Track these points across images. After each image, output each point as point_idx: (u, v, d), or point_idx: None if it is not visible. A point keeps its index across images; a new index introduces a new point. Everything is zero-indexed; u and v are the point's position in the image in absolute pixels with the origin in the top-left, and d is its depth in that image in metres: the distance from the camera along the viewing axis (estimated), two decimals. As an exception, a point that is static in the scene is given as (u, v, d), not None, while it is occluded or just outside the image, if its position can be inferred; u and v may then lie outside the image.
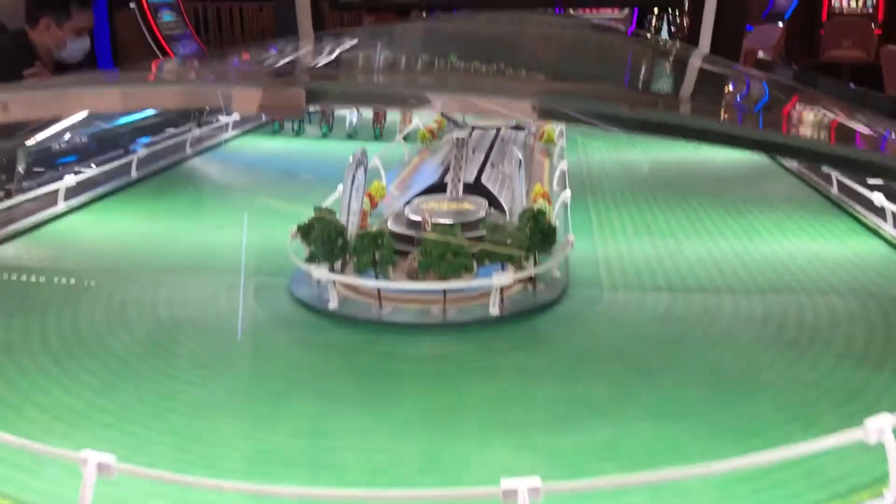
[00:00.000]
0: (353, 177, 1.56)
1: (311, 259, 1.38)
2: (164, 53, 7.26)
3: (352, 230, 1.58)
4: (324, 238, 1.35)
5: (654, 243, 1.78)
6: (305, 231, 1.40)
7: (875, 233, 1.78)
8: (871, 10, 11.43)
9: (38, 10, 3.49)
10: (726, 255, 1.69)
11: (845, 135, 0.93)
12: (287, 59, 1.62)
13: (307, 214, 1.43)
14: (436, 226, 1.41)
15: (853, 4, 11.54)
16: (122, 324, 1.34)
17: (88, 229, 1.90)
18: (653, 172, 2.41)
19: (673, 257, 1.68)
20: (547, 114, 0.85)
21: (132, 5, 7.10)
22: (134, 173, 2.32)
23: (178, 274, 1.59)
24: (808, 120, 1.21)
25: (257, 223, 1.87)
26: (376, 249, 1.32)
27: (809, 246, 1.74)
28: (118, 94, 0.93)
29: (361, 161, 1.60)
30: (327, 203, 1.66)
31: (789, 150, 0.83)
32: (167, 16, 7.48)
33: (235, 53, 2.42)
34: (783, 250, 1.71)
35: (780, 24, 11.25)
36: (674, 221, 1.94)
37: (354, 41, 2.17)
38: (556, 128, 2.61)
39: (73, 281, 1.53)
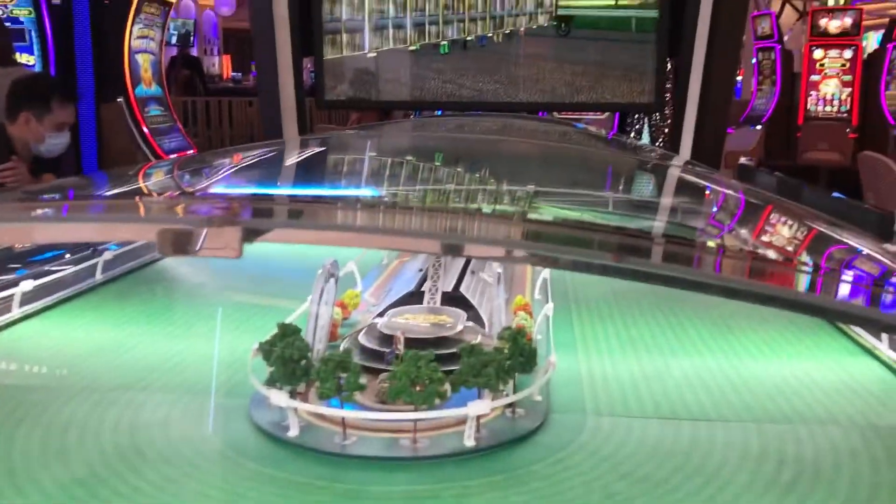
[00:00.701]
0: (322, 290, 1.47)
1: (272, 382, 1.27)
2: (150, 147, 7.29)
3: (319, 347, 1.48)
4: (285, 359, 1.25)
5: (641, 361, 1.69)
6: (267, 350, 1.30)
7: (870, 353, 1.70)
8: (845, 115, 11.74)
9: (18, 105, 3.46)
10: (716, 376, 1.60)
11: (842, 284, 0.86)
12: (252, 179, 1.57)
13: (274, 325, 1.34)
14: (408, 349, 1.31)
15: (828, 108, 11.85)
16: (60, 454, 1.22)
17: (41, 338, 1.79)
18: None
19: (661, 377, 1.59)
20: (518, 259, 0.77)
21: (120, 99, 7.15)
22: (99, 275, 2.23)
23: (132, 392, 1.48)
24: (799, 256, 1.14)
25: (225, 331, 1.78)
26: (342, 373, 1.22)
27: (803, 367, 1.65)
28: (32, 229, 0.85)
29: (332, 273, 1.52)
30: (294, 317, 1.57)
31: (772, 301, 0.76)
32: (154, 110, 7.53)
33: (220, 157, 2.37)
34: (776, 371, 1.63)
35: (759, 127, 11.52)
36: (660, 336, 1.86)
37: (329, 150, 2.13)
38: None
39: (13, 400, 1.41)
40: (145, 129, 7.15)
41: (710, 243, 1.14)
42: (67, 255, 2.30)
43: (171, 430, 1.31)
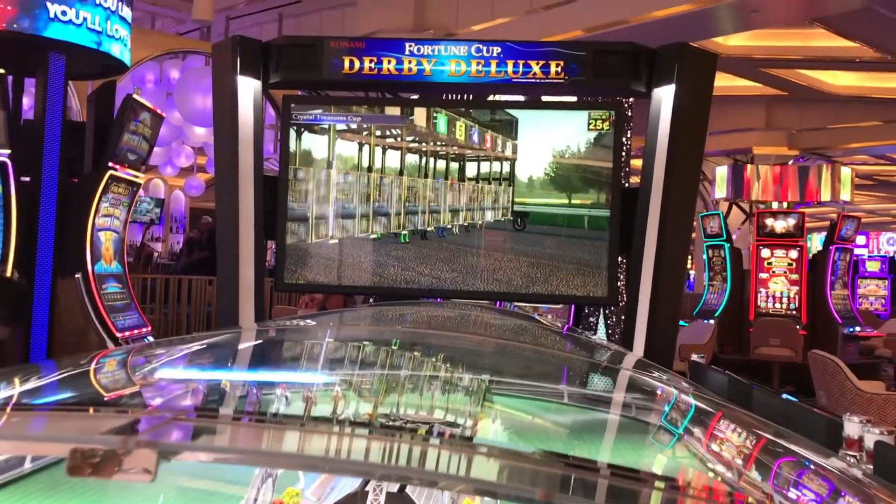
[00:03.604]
0: (258, 490, 1.41)
1: None
2: (104, 324, 7.19)
3: (251, 555, 1.40)
4: (211, 572, 1.17)
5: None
6: (193, 559, 1.22)
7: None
8: (794, 312, 12.11)
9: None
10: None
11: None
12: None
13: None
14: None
15: (778, 305, 12.23)
16: None
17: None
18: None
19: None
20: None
21: (77, 276, 7.12)
22: (28, 464, 2.11)
23: None
24: (748, 473, 1.13)
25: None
26: (271, 588, 1.14)
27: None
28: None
29: (269, 473, 1.46)
30: (227, 519, 1.48)
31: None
32: (112, 287, 7.50)
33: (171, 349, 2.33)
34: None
35: (712, 321, 11.79)
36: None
37: (278, 344, 2.12)
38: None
39: None
40: (101, 307, 7.07)
41: (657, 469, 1.12)
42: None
43: None
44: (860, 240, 21.02)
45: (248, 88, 5.26)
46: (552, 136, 5.20)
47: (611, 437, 1.41)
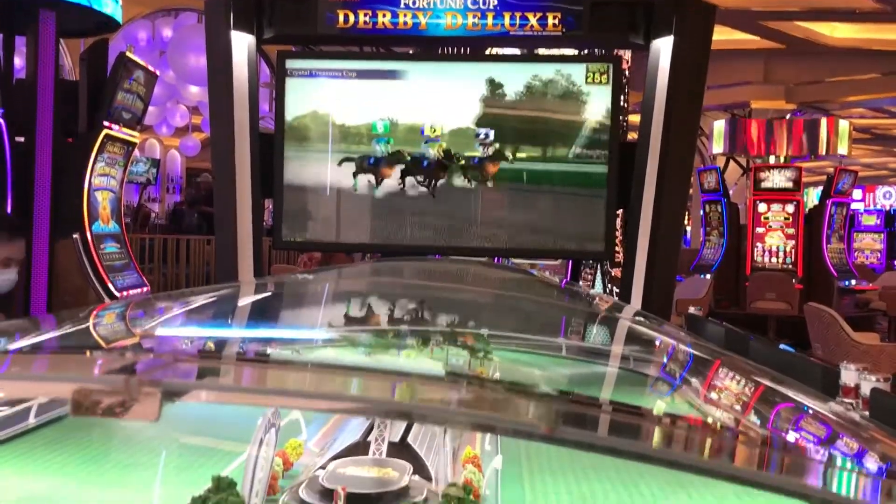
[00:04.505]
0: (261, 441, 1.42)
1: (203, 541, 1.21)
2: (103, 284, 7.20)
3: (256, 502, 1.42)
4: (218, 518, 1.19)
5: (591, 520, 1.64)
6: (200, 506, 1.24)
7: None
8: (790, 266, 12.14)
9: (-38, 243, 3.41)
10: (668, 537, 1.55)
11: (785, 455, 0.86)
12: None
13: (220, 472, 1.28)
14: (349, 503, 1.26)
15: (774, 260, 12.26)
16: None
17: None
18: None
19: (611, 538, 1.54)
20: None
21: (75, 236, 7.11)
22: (32, 419, 2.12)
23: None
24: (744, 423, 1.14)
25: (165, 479, 1.69)
26: (277, 533, 1.16)
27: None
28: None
29: (272, 423, 1.48)
30: (231, 468, 1.50)
31: (718, 474, 0.75)
32: (110, 247, 7.50)
33: (169, 302, 2.34)
34: (728, 531, 1.59)
35: (708, 276, 11.84)
36: (612, 492, 1.81)
37: (280, 296, 2.13)
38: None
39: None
40: (99, 266, 7.08)
41: (658, 410, 1.13)
42: (2, 394, 2.20)
43: None
44: (857, 194, 21.03)
45: (241, 44, 5.20)
46: (549, 89, 5.16)
47: (612, 382, 1.43)
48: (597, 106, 5.13)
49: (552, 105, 5.17)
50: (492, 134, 5.15)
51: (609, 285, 8.06)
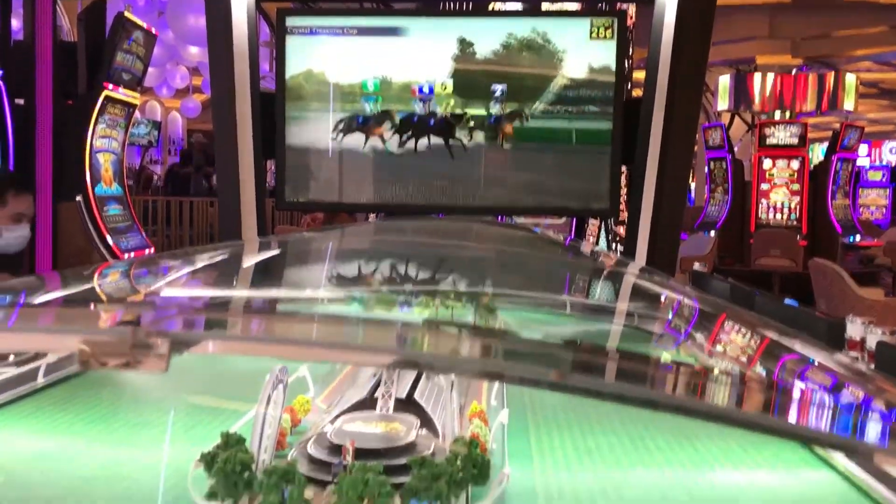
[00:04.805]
0: (269, 398, 1.43)
1: (212, 495, 1.21)
2: (108, 247, 7.21)
3: (264, 457, 1.43)
4: (226, 471, 1.19)
5: (598, 472, 1.65)
6: (208, 460, 1.25)
7: (828, 464, 1.69)
8: (795, 223, 12.11)
9: (-30, 199, 3.40)
10: (675, 489, 1.56)
11: (793, 403, 0.86)
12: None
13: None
14: (358, 460, 1.26)
15: (779, 216, 12.23)
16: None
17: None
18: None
19: (618, 490, 1.55)
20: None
21: (78, 199, 7.10)
22: (41, 379, 2.14)
23: (66, 505, 1.40)
24: (752, 371, 1.14)
25: (172, 438, 1.71)
26: (287, 486, 1.17)
27: (761, 477, 1.63)
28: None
29: (280, 379, 1.48)
30: (239, 425, 1.51)
31: (726, 419, 0.75)
32: (113, 209, 7.49)
33: (175, 259, 2.34)
34: (734, 482, 1.60)
35: (712, 234, 11.82)
36: (618, 447, 1.82)
37: (285, 252, 2.12)
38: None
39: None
40: (103, 229, 7.08)
41: (665, 359, 1.13)
42: (12, 357, 2.21)
43: (103, 550, 1.24)
44: (862, 149, 20.87)
45: (240, 2, 5.13)
46: (553, 45, 5.09)
47: (618, 335, 1.43)
48: (601, 62, 5.07)
49: (556, 61, 5.11)
50: (506, 91, 5.09)
51: (613, 243, 8.04)
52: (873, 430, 0.76)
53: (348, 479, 1.16)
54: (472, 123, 5.12)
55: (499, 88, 5.10)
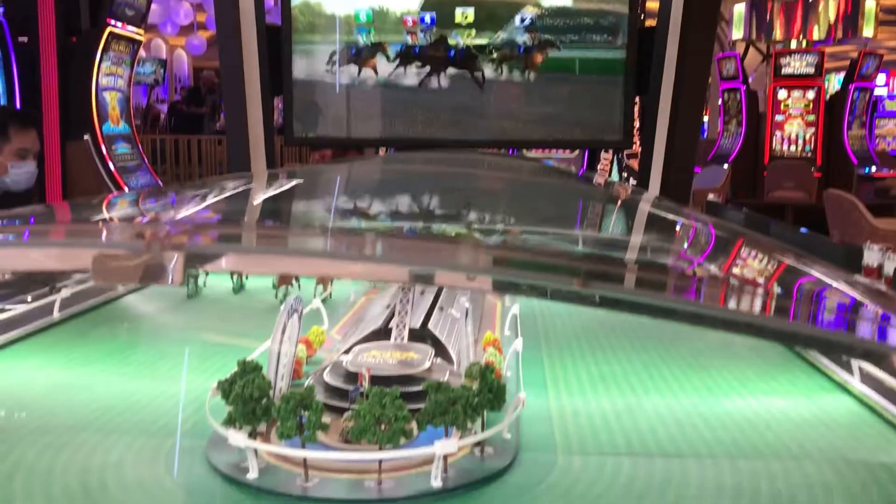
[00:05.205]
0: (284, 326, 1.43)
1: (230, 421, 1.22)
2: (117, 185, 7.20)
3: (281, 385, 1.44)
4: (244, 398, 1.20)
5: (612, 398, 1.66)
6: (225, 388, 1.25)
7: (842, 387, 1.69)
8: (809, 154, 11.95)
9: (-28, 136, 3.36)
10: (688, 412, 1.57)
11: (825, 311, 0.85)
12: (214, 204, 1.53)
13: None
14: (374, 386, 1.26)
15: (793, 148, 12.06)
16: (6, 501, 1.15)
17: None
18: (609, 316, 2.31)
19: (632, 414, 1.56)
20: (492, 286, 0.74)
21: (86, 137, 7.06)
22: (56, 313, 2.16)
23: (85, 434, 1.42)
24: (772, 285, 1.13)
25: (194, 369, 1.72)
26: (304, 412, 1.18)
27: (775, 402, 1.63)
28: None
29: (295, 309, 1.48)
30: (255, 354, 1.52)
31: (748, 328, 0.73)
32: (122, 148, 7.46)
33: (186, 189, 2.33)
34: (748, 407, 1.60)
35: (725, 166, 11.69)
36: (631, 373, 1.83)
37: (296, 180, 2.10)
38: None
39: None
40: (112, 167, 7.07)
41: (686, 272, 1.11)
42: (29, 298, 2.22)
43: (125, 472, 1.26)
44: (880, 78, 20.42)
45: (243, -68, 4.99)
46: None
47: (638, 252, 1.41)
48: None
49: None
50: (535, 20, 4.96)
51: (626, 175, 7.97)
52: (894, 336, 0.74)
53: (365, 403, 1.17)
54: (494, 55, 5.00)
55: (528, 16, 4.97)
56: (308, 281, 2.32)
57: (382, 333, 1.81)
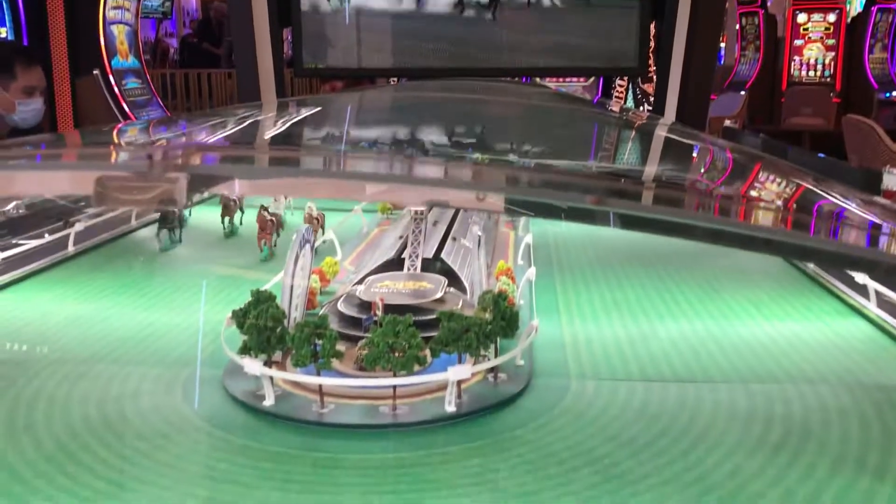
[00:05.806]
0: (297, 256, 1.43)
1: (245, 350, 1.23)
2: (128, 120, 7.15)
3: (295, 315, 1.44)
4: (258, 327, 1.20)
5: (625, 324, 1.66)
6: (240, 317, 1.26)
7: (859, 312, 1.68)
8: (828, 80, 11.70)
9: (-22, 75, 3.32)
10: (703, 339, 1.57)
11: (845, 228, 0.83)
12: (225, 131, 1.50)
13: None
14: (387, 315, 1.26)
15: (812, 73, 11.81)
16: (27, 429, 1.17)
17: (9, 311, 1.74)
18: (623, 244, 2.30)
19: (646, 340, 1.56)
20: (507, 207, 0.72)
21: (96, 72, 6.99)
22: (71, 248, 2.17)
23: (102, 364, 1.43)
24: (792, 203, 1.11)
25: (208, 301, 1.74)
26: (318, 340, 1.18)
27: (791, 327, 1.63)
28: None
29: (307, 239, 1.48)
30: (269, 285, 1.52)
31: (769, 245, 0.71)
32: (132, 82, 7.39)
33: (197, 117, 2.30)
34: (763, 332, 1.60)
35: (742, 93, 11.47)
36: (645, 300, 1.82)
37: (307, 108, 2.07)
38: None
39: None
40: (123, 103, 7.02)
41: (706, 190, 1.09)
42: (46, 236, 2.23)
43: (142, 401, 1.27)
44: (904, 0, 19.82)
45: None
46: None
47: (656, 173, 1.38)
48: None
49: None
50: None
51: (642, 102, 7.84)
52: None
53: (379, 331, 1.17)
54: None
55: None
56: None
57: (395, 264, 1.81)
